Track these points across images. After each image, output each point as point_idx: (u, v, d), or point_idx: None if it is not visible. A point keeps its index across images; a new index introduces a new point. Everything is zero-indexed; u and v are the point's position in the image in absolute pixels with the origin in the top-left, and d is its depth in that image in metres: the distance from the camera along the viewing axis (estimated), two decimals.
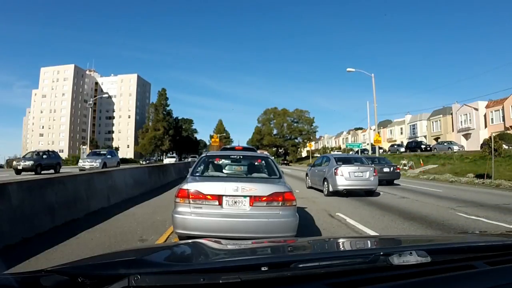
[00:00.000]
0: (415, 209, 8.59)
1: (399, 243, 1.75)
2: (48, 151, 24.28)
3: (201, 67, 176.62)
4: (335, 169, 10.73)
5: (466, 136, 42.94)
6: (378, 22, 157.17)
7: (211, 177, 4.89)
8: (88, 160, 24.03)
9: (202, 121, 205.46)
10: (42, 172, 20.28)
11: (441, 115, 48.50)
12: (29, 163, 20.65)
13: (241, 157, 5.92)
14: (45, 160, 22.15)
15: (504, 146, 21.61)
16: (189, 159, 49.07)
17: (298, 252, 1.55)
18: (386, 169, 15.99)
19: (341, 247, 1.67)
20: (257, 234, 3.93)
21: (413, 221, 7.02)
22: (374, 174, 11.02)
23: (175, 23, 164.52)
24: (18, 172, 20.17)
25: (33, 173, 19.62)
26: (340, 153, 39.22)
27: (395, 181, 16.47)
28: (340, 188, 10.56)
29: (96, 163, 23.12)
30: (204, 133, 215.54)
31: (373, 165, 12.38)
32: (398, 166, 16.87)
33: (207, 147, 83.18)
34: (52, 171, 21.68)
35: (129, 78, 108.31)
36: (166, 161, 50.80)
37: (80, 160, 26.08)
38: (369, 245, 1.72)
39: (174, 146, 78.27)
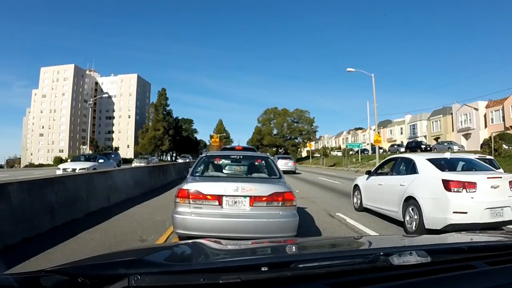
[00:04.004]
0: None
1: (399, 243, 1.75)
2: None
3: (201, 67, 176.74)
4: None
5: (466, 136, 42.96)
6: (378, 22, 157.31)
7: (211, 177, 4.89)
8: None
9: (202, 121, 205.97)
10: None
11: (441, 115, 48.53)
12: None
13: (241, 157, 5.93)
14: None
15: (504, 146, 21.63)
16: (180, 160, 48.12)
17: (298, 252, 1.55)
18: None
19: (341, 247, 1.67)
20: (257, 234, 3.93)
21: None
22: None
23: (175, 23, 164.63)
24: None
25: None
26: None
27: None
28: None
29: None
30: (204, 133, 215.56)
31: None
32: None
33: (207, 147, 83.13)
34: None
35: (129, 78, 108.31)
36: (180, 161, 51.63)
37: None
38: (369, 245, 1.72)
39: (174, 146, 78.35)
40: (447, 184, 5.38)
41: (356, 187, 8.41)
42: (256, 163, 5.64)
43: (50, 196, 5.64)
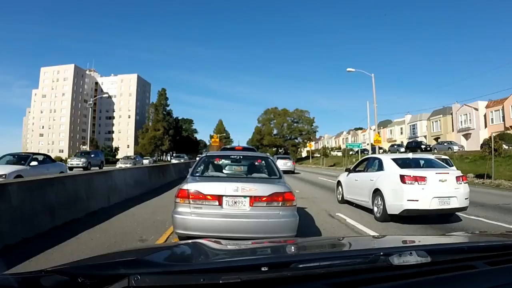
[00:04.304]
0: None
1: (399, 243, 1.75)
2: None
3: (201, 67, 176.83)
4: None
5: (466, 136, 42.95)
6: (378, 22, 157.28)
7: (211, 177, 4.89)
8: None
9: (202, 121, 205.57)
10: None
11: (441, 115, 48.53)
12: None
13: (241, 157, 5.93)
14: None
15: (504, 146, 21.62)
16: (174, 160, 44.40)
17: (298, 252, 1.55)
18: None
19: (341, 247, 1.67)
20: (257, 234, 3.92)
21: (413, 221, 7.02)
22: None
23: (175, 23, 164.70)
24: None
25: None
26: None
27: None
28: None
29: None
30: (204, 133, 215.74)
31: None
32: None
33: (207, 147, 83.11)
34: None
35: (129, 78, 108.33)
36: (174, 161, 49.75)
37: None
38: (369, 245, 1.72)
39: (174, 146, 78.28)
40: (403, 178, 6.65)
41: (339, 182, 9.74)
42: (256, 163, 5.64)
43: (50, 196, 5.64)
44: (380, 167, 7.63)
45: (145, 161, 55.05)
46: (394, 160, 7.56)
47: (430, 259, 1.12)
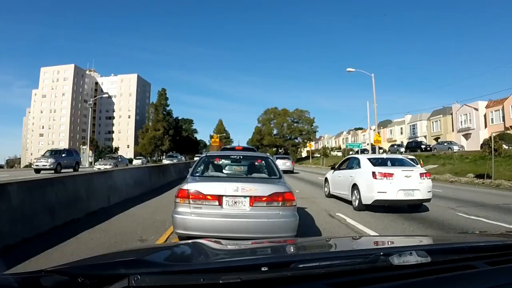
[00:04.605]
0: (415, 209, 8.59)
1: (399, 243, 1.75)
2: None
3: (201, 67, 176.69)
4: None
5: (466, 136, 42.95)
6: (378, 22, 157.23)
7: (211, 177, 4.89)
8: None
9: (202, 121, 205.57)
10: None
11: (441, 115, 48.51)
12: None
13: (241, 157, 5.92)
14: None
15: (504, 146, 21.61)
16: (166, 161, 38.38)
17: (298, 252, 1.55)
18: None
19: (341, 247, 1.67)
20: (257, 234, 3.92)
21: (413, 221, 7.03)
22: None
23: (175, 23, 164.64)
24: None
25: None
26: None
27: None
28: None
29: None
30: (204, 133, 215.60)
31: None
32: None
33: (207, 147, 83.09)
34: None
35: (129, 78, 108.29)
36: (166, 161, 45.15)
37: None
38: (369, 245, 1.72)
39: (174, 146, 78.23)
40: (374, 174, 7.95)
41: (326, 179, 11.16)
42: (256, 163, 5.64)
43: (50, 196, 5.64)
44: (358, 165, 8.90)
45: (137, 162, 49.53)
46: (369, 159, 8.83)
47: (430, 259, 1.12)
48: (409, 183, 7.83)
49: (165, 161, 38.24)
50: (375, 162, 8.71)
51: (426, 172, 8.54)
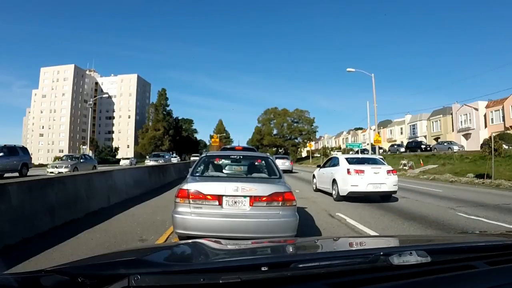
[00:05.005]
0: (415, 209, 8.59)
1: (399, 243, 1.75)
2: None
3: (201, 67, 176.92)
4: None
5: (466, 136, 42.94)
6: (378, 22, 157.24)
7: (211, 177, 4.89)
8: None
9: (202, 121, 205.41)
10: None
11: (441, 115, 48.50)
12: None
13: (241, 157, 5.92)
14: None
15: (504, 146, 21.60)
16: (150, 162, 30.58)
17: (298, 252, 1.55)
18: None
19: (341, 247, 1.67)
20: (257, 234, 3.92)
21: (413, 221, 7.02)
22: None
23: (175, 23, 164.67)
24: None
25: None
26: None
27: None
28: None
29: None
30: (204, 133, 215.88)
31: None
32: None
33: (207, 147, 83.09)
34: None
35: (129, 78, 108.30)
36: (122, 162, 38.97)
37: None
38: (369, 245, 1.72)
39: (174, 146, 78.22)
40: (348, 171, 9.70)
41: (313, 176, 13.05)
42: (256, 163, 5.64)
43: (50, 196, 5.64)
44: (337, 164, 10.66)
45: (125, 162, 45.67)
46: (346, 159, 10.70)
47: (430, 259, 1.12)
48: (377, 178, 9.54)
49: (149, 163, 30.37)
50: (351, 161, 10.54)
51: (392, 169, 10.11)
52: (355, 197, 9.56)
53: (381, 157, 18.47)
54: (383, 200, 9.81)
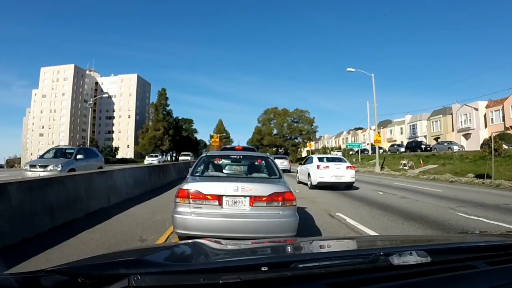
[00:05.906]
0: (415, 209, 8.59)
1: (399, 243, 1.75)
2: None
3: (201, 67, 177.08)
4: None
5: (466, 136, 42.93)
6: (378, 22, 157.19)
7: (211, 177, 4.89)
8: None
9: (202, 121, 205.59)
10: None
11: (441, 115, 48.50)
12: None
13: (241, 157, 5.92)
14: None
15: (504, 146, 21.59)
16: (148, 160, 32.42)
17: (298, 252, 1.55)
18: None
19: (341, 247, 1.67)
20: (257, 234, 3.92)
21: (413, 221, 7.02)
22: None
23: (175, 23, 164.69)
24: None
25: None
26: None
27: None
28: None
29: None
30: (204, 133, 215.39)
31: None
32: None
33: (207, 147, 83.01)
34: None
35: (129, 78, 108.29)
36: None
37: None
38: (369, 245, 1.72)
39: (174, 146, 78.19)
40: (318, 167, 13.17)
41: (297, 171, 16.80)
42: (256, 163, 5.63)
43: (50, 196, 5.64)
44: (312, 161, 14.12)
45: (151, 160, 40.53)
46: (318, 158, 14.25)
47: (430, 259, 1.12)
48: (339, 172, 12.99)
49: (147, 160, 28.43)
50: (321, 159, 14.05)
51: (351, 165, 13.79)
52: (323, 186, 12.96)
53: (344, 158, 18.88)
54: (346, 189, 13.14)
